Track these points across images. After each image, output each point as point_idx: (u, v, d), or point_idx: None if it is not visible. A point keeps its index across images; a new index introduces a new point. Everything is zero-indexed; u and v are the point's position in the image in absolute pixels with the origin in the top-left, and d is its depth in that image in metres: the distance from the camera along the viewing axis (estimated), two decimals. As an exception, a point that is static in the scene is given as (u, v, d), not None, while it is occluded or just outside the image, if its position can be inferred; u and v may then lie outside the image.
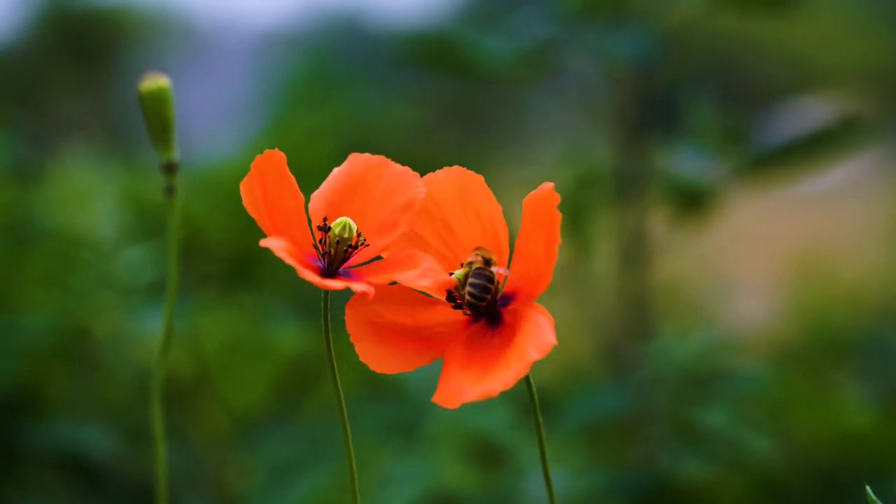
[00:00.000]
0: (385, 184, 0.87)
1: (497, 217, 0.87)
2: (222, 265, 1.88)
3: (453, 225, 0.88)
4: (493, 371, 0.81)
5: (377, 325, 0.85)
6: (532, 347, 0.80)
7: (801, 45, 5.27)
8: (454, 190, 0.87)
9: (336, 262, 0.85)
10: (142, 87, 1.04)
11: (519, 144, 4.34)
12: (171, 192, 1.05)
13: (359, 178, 0.88)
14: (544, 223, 0.82)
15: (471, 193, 0.87)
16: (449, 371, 0.83)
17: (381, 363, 0.84)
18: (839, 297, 2.96)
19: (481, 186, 0.87)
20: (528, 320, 0.82)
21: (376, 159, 0.88)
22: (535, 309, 0.83)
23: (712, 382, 1.69)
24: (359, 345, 0.84)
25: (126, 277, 1.73)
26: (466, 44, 1.89)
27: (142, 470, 1.71)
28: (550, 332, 0.80)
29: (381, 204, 0.87)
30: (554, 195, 0.82)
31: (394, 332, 0.85)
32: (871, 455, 1.79)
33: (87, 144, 2.21)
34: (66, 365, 1.72)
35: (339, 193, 0.87)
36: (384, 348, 0.85)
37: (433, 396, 0.83)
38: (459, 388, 0.81)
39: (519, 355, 0.80)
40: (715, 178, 1.84)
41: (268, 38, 5.39)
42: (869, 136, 1.91)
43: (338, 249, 0.85)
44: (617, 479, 1.66)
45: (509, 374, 0.80)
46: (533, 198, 0.83)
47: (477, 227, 0.87)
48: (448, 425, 1.60)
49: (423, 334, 0.86)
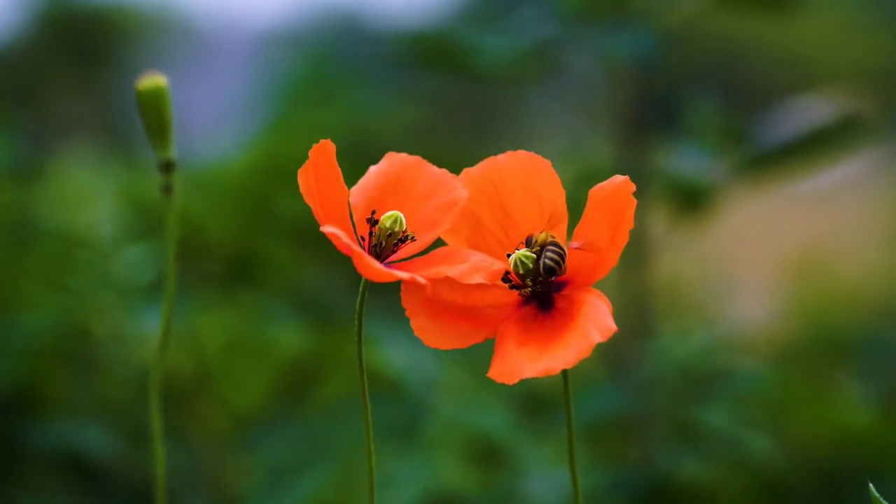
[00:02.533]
0: (424, 184, 0.89)
1: (559, 204, 0.88)
2: (222, 265, 1.88)
3: (511, 209, 0.89)
4: (553, 350, 0.82)
5: (432, 303, 0.85)
6: (594, 329, 0.81)
7: (800, 44, 5.27)
8: (517, 175, 0.88)
9: (384, 255, 0.87)
10: (139, 86, 1.04)
11: (519, 144, 4.33)
12: (169, 191, 1.05)
13: (397, 176, 0.89)
14: (614, 210, 0.84)
15: (535, 179, 0.88)
16: (504, 349, 0.84)
17: (436, 339, 0.85)
18: (839, 296, 2.96)
19: (547, 172, 0.88)
20: (587, 304, 0.83)
21: (413, 159, 0.90)
22: (593, 293, 0.84)
23: (712, 382, 1.69)
24: (414, 320, 0.85)
25: (126, 277, 1.73)
26: (466, 43, 1.89)
27: (142, 470, 1.71)
28: (610, 317, 0.81)
29: (421, 203, 0.88)
30: (628, 184, 0.83)
31: (448, 310, 0.86)
32: (871, 455, 1.78)
33: (87, 144, 2.21)
34: (66, 365, 1.72)
35: (379, 191, 0.89)
36: (438, 325, 0.86)
37: (488, 371, 0.84)
38: (518, 364, 0.82)
39: (581, 336, 0.81)
40: (715, 178, 1.84)
41: (268, 38, 5.39)
42: (869, 136, 1.91)
43: (387, 242, 0.86)
44: (617, 479, 1.66)
45: (570, 353, 0.80)
46: (601, 188, 0.85)
47: (537, 213, 0.88)
48: (448, 425, 1.60)
49: (474, 314, 0.86)
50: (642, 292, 1.91)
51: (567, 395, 0.87)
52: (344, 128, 2.15)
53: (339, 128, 2.15)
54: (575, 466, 0.89)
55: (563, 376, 0.86)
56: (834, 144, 1.83)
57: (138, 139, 3.32)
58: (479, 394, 1.67)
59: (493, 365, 0.84)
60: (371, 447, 0.87)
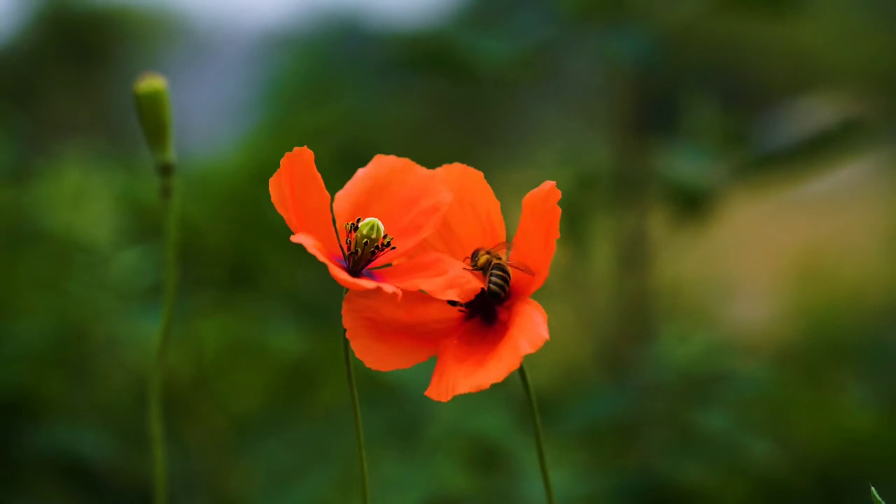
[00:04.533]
0: (410, 187, 0.87)
1: (494, 214, 0.87)
2: (221, 268, 1.88)
3: (453, 223, 0.88)
4: (486, 365, 0.81)
5: (374, 322, 0.84)
6: (525, 340, 0.80)
7: (802, 46, 5.26)
8: (453, 188, 0.87)
9: (361, 263, 0.85)
10: (137, 88, 1.04)
11: (518, 145, 4.34)
12: (168, 194, 1.04)
13: (384, 180, 0.88)
14: (543, 218, 0.83)
15: (469, 190, 0.87)
16: (443, 365, 0.83)
17: (379, 360, 0.84)
18: (840, 299, 2.96)
19: (480, 183, 0.87)
20: (521, 315, 0.83)
21: (402, 162, 0.88)
22: (529, 304, 0.83)
23: (713, 385, 1.68)
24: (355, 342, 0.84)
25: (123, 281, 1.72)
26: (465, 45, 1.88)
27: (139, 474, 1.71)
28: (543, 327, 0.80)
29: (406, 207, 0.87)
30: (555, 191, 0.82)
31: (391, 329, 0.84)
32: (872, 458, 1.78)
33: (85, 145, 2.20)
34: (64, 369, 1.72)
35: (365, 195, 0.88)
36: (381, 345, 0.84)
37: (426, 390, 0.83)
38: (453, 382, 0.81)
39: (511, 348, 0.80)
40: (715, 180, 1.84)
41: (267, 38, 5.39)
42: (871, 139, 1.90)
43: (364, 250, 0.85)
44: (617, 483, 1.66)
45: (501, 367, 0.80)
46: (533, 195, 0.84)
47: (475, 225, 0.87)
48: (448, 429, 1.60)
49: (418, 331, 0.85)
50: (642, 295, 1.91)
51: (532, 406, 0.86)
52: (342, 128, 2.15)
53: (338, 128, 2.14)
54: (548, 473, 0.88)
55: (525, 385, 0.86)
56: (836, 148, 1.82)
57: (136, 141, 3.32)
58: (478, 397, 1.66)
59: (432, 383, 0.83)
60: (363, 453, 0.86)
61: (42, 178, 1.89)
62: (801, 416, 1.84)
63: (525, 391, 0.86)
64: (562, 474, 1.63)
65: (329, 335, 1.83)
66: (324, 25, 5.42)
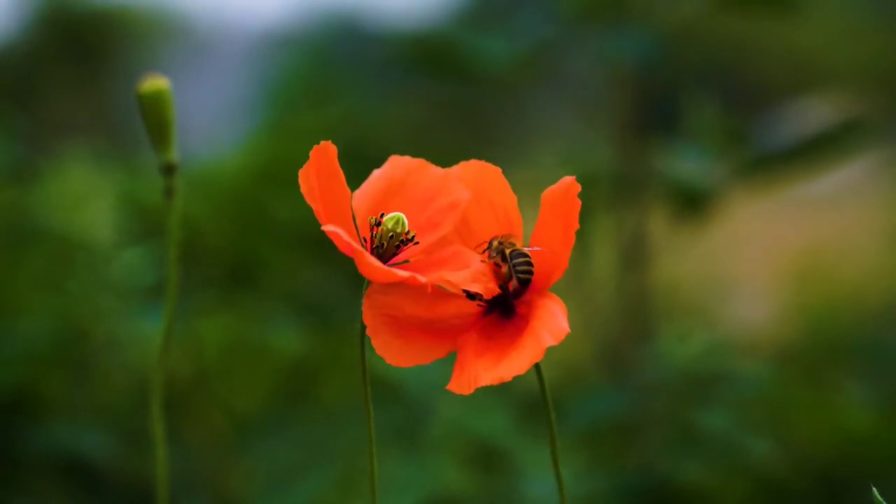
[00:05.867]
0: (426, 186, 0.89)
1: (512, 210, 0.88)
2: (222, 268, 1.88)
3: (470, 220, 0.89)
4: (508, 357, 0.82)
5: (395, 319, 0.85)
6: (547, 332, 0.81)
7: (802, 46, 5.26)
8: (471, 185, 0.88)
9: (385, 257, 0.87)
10: (140, 89, 1.04)
11: (518, 145, 4.34)
12: (171, 194, 1.04)
13: (400, 180, 0.89)
14: (563, 211, 0.84)
15: (487, 187, 0.88)
16: (464, 359, 0.84)
17: (399, 357, 0.85)
18: (840, 298, 2.96)
19: (498, 179, 0.88)
20: (541, 308, 0.83)
21: (417, 162, 0.90)
22: (549, 297, 0.84)
23: (713, 385, 1.68)
24: (376, 338, 0.84)
25: (125, 280, 1.73)
26: (465, 45, 1.89)
27: (140, 473, 1.71)
28: (564, 319, 0.81)
29: (423, 205, 0.89)
30: (575, 185, 0.83)
31: (411, 325, 0.85)
32: (872, 457, 1.78)
33: (86, 145, 2.20)
34: (65, 368, 1.72)
35: (382, 194, 0.89)
36: (401, 342, 0.85)
37: (448, 384, 0.84)
38: (475, 375, 0.82)
39: (533, 340, 0.81)
40: (715, 180, 1.84)
41: (267, 38, 5.39)
42: (870, 139, 1.90)
43: (389, 243, 0.86)
44: (617, 483, 1.66)
45: (524, 359, 0.80)
46: (552, 190, 0.85)
47: (492, 221, 0.88)
48: (449, 429, 1.60)
49: (438, 326, 0.86)
50: (643, 294, 1.91)
51: (546, 400, 0.86)
52: (342, 128, 2.15)
53: (338, 128, 2.14)
54: (560, 472, 0.88)
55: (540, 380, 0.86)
56: (836, 148, 1.82)
57: (137, 140, 3.32)
58: (479, 397, 1.66)
59: (453, 377, 0.84)
60: (373, 451, 0.86)
61: (43, 178, 1.89)
62: (801, 416, 1.84)
63: (539, 385, 0.86)
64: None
65: (329, 335, 1.83)
66: (324, 26, 5.42)
